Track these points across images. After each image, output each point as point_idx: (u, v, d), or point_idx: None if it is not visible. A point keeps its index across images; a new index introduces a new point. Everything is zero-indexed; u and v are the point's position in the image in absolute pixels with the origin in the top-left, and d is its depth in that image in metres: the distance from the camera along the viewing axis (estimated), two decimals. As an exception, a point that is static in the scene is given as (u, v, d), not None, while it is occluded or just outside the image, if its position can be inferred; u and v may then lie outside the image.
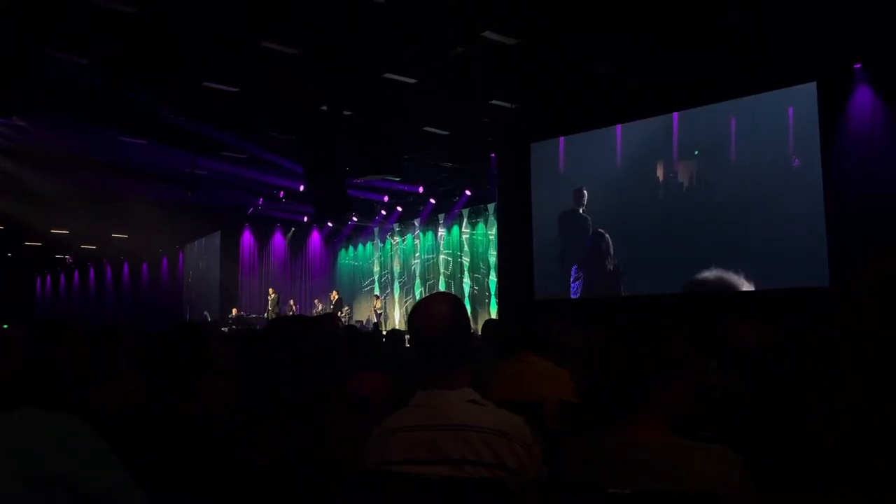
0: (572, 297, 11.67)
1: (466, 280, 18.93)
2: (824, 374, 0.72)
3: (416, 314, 1.91)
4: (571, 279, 11.84)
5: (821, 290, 8.30)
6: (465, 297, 18.11)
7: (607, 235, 11.38)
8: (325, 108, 11.54)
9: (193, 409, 2.46)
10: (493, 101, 11.79)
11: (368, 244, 22.70)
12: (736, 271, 9.73)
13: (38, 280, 30.97)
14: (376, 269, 22.28)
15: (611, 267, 11.29)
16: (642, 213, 10.93)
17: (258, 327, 13.93)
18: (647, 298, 10.26)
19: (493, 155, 13.94)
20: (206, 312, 21.70)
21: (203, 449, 2.11)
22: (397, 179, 13.92)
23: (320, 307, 20.13)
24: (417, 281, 20.51)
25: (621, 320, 1.68)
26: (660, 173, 10.83)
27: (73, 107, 11.16)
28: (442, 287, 19.17)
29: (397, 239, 21.48)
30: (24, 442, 0.89)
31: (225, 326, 17.38)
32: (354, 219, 20.55)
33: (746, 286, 9.61)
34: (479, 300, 18.31)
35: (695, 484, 1.47)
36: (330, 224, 22.03)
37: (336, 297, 19.70)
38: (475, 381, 1.97)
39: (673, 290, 10.29)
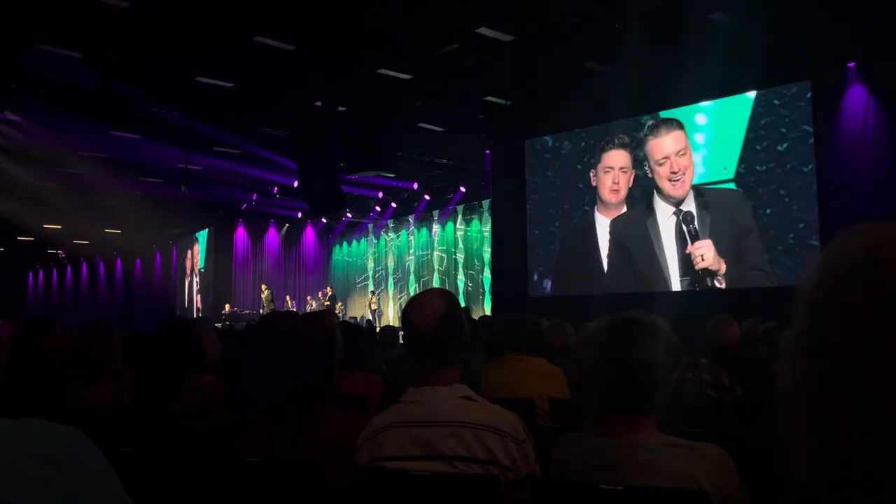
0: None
1: (461, 276, 18.95)
2: (782, 376, 0.72)
3: (410, 310, 1.91)
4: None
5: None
6: (459, 293, 18.12)
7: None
8: (318, 103, 11.51)
9: (181, 408, 2.45)
10: (488, 98, 11.79)
11: (363, 240, 22.69)
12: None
13: (31, 275, 30.82)
14: (371, 265, 22.28)
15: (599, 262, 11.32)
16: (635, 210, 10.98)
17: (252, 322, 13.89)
18: (639, 296, 10.27)
19: (487, 151, 13.94)
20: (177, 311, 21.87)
21: (191, 449, 2.10)
22: (391, 176, 13.91)
23: (314, 304, 20.11)
24: (412, 277, 20.51)
25: (617, 320, 1.68)
26: (660, 170, 10.83)
27: (65, 101, 11.10)
28: (436, 283, 19.19)
29: (392, 235, 21.48)
30: (29, 455, 0.82)
31: (218, 322, 17.34)
32: (349, 215, 20.53)
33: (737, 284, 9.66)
34: (473, 297, 18.33)
35: (687, 482, 1.47)
36: (324, 220, 22.00)
37: (331, 292, 19.70)
38: (468, 377, 1.97)
39: (665, 289, 10.35)
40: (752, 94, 9.81)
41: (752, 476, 1.53)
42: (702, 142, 10.36)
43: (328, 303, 19.00)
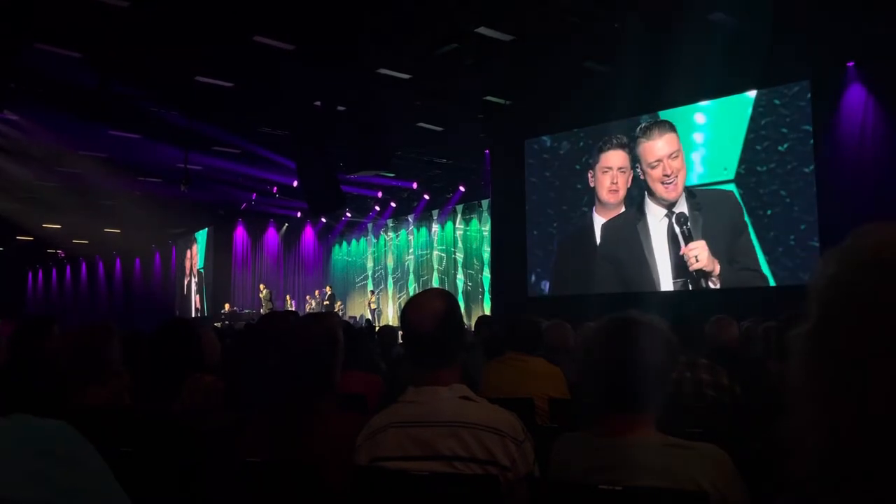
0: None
1: (460, 276, 18.95)
2: (788, 374, 0.72)
3: (409, 310, 1.91)
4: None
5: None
6: (458, 293, 18.12)
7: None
8: (318, 103, 11.50)
9: (181, 408, 2.45)
10: (487, 98, 11.78)
11: (362, 240, 22.68)
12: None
13: (30, 275, 30.80)
14: (370, 264, 22.28)
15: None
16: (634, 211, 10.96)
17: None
18: (637, 296, 10.26)
19: (486, 151, 13.94)
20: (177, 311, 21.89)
21: (191, 449, 2.10)
22: (391, 175, 13.91)
23: (312, 304, 20.10)
24: (411, 277, 20.51)
25: (615, 320, 1.68)
26: (653, 172, 10.81)
27: (64, 101, 11.09)
28: (435, 283, 19.19)
29: (391, 235, 21.48)
30: (28, 450, 0.81)
31: (218, 322, 17.33)
32: (348, 214, 20.53)
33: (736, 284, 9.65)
34: (472, 296, 18.32)
35: (686, 482, 1.48)
36: (323, 220, 22.00)
37: (330, 291, 19.70)
38: (467, 377, 1.96)
39: (662, 288, 10.34)
40: (752, 94, 9.78)
41: (752, 476, 1.53)
42: (701, 142, 10.32)
43: (327, 302, 18.99)
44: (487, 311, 15.56)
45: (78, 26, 8.80)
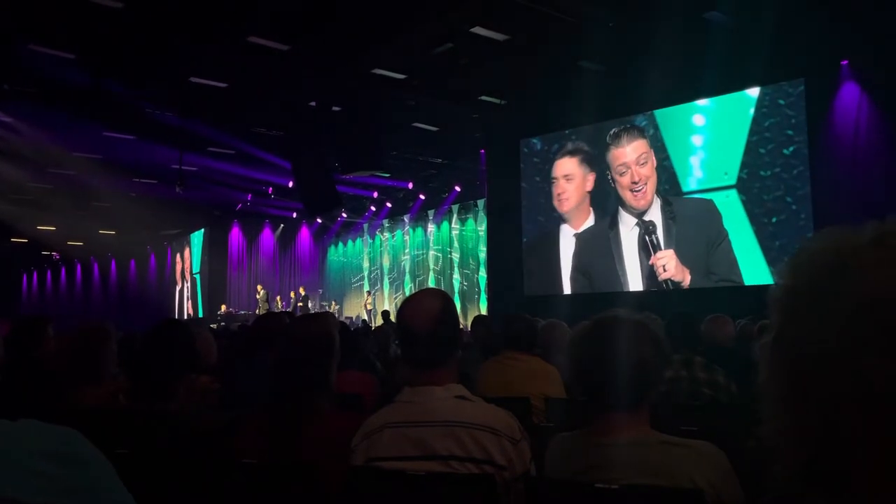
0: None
1: (456, 276, 18.96)
2: (759, 381, 0.73)
3: (405, 310, 1.91)
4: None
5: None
6: (454, 293, 18.13)
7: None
8: (313, 103, 11.49)
9: (176, 409, 2.44)
10: (483, 97, 11.78)
11: (358, 240, 22.68)
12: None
13: (25, 277, 30.70)
14: (366, 265, 22.27)
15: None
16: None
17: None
18: (632, 295, 10.25)
19: (482, 151, 13.94)
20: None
21: (189, 450, 2.10)
22: (386, 175, 13.91)
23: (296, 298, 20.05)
24: (407, 277, 20.51)
25: (602, 318, 1.69)
26: (622, 180, 10.78)
27: (58, 102, 11.06)
28: (432, 283, 19.20)
29: (387, 235, 21.48)
30: (34, 453, 0.82)
31: (214, 323, 17.31)
32: (344, 215, 20.52)
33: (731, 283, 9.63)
34: (468, 296, 18.33)
35: (682, 480, 1.48)
36: (319, 220, 21.98)
37: (304, 293, 19.50)
38: (463, 376, 1.97)
39: (658, 287, 10.34)
40: (753, 93, 9.57)
41: (747, 474, 1.53)
42: (700, 145, 10.11)
43: (301, 303, 18.86)
44: (484, 311, 15.57)
45: (72, 27, 8.77)
